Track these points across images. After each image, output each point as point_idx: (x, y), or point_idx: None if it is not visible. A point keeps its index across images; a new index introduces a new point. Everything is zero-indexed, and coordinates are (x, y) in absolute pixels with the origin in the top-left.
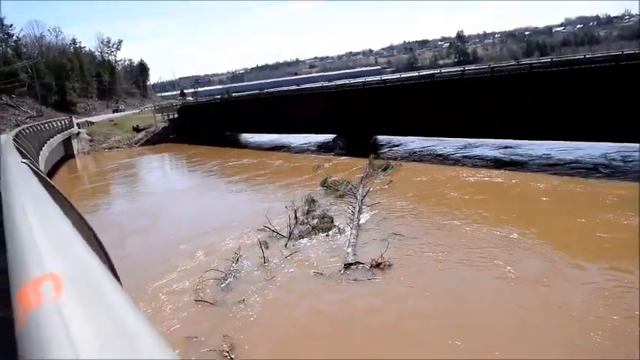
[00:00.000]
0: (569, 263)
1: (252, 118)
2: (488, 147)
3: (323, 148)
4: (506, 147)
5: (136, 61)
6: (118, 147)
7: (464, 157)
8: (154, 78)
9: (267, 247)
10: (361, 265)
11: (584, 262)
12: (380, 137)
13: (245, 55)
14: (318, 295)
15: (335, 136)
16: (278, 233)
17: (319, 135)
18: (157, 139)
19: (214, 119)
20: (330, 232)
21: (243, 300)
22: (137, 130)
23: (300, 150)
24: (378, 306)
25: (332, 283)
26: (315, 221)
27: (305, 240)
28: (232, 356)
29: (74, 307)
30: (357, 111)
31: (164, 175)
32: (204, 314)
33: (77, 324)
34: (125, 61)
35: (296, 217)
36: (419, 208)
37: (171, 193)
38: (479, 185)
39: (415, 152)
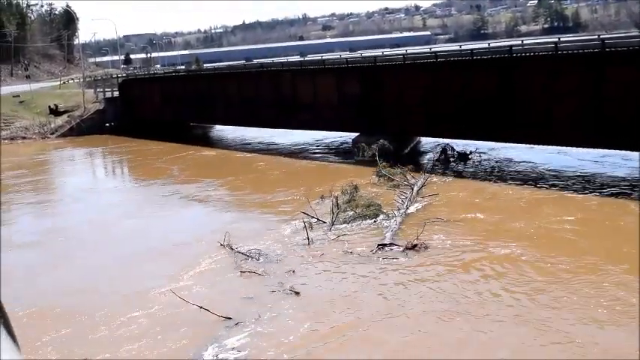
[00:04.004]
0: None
1: (232, 103)
2: None
3: (334, 152)
4: None
5: (59, 7)
6: (24, 137)
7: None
8: (85, 35)
9: (311, 228)
10: (395, 247)
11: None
12: (425, 140)
13: (226, 7)
14: (345, 269)
15: (357, 135)
16: (319, 220)
17: (329, 133)
18: (85, 129)
19: (175, 102)
20: (378, 219)
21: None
22: (56, 112)
23: (299, 153)
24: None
25: (358, 259)
26: (360, 209)
27: (347, 226)
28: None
29: None
30: (395, 99)
31: (95, 186)
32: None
33: None
34: (42, 5)
35: (337, 204)
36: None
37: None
38: None
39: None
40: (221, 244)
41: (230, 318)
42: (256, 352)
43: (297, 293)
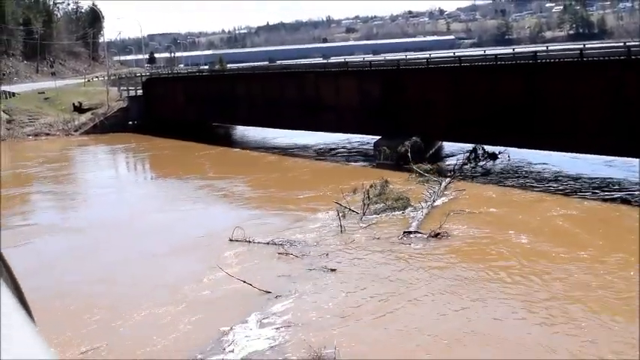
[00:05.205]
0: None
1: (255, 104)
2: None
3: (357, 154)
4: None
5: (85, 5)
6: (48, 133)
7: None
8: (110, 33)
9: (344, 217)
10: (420, 235)
11: None
12: (446, 144)
13: (249, 9)
14: (375, 252)
15: (378, 138)
16: (351, 210)
17: (353, 135)
18: (109, 126)
19: (198, 102)
20: (406, 211)
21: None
22: (80, 109)
23: (322, 155)
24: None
25: (387, 244)
26: (390, 202)
27: (377, 216)
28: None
29: None
30: (416, 103)
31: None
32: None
33: None
34: (69, 4)
35: (369, 196)
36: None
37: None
38: None
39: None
40: (233, 240)
41: (269, 292)
42: (300, 314)
43: (334, 270)
